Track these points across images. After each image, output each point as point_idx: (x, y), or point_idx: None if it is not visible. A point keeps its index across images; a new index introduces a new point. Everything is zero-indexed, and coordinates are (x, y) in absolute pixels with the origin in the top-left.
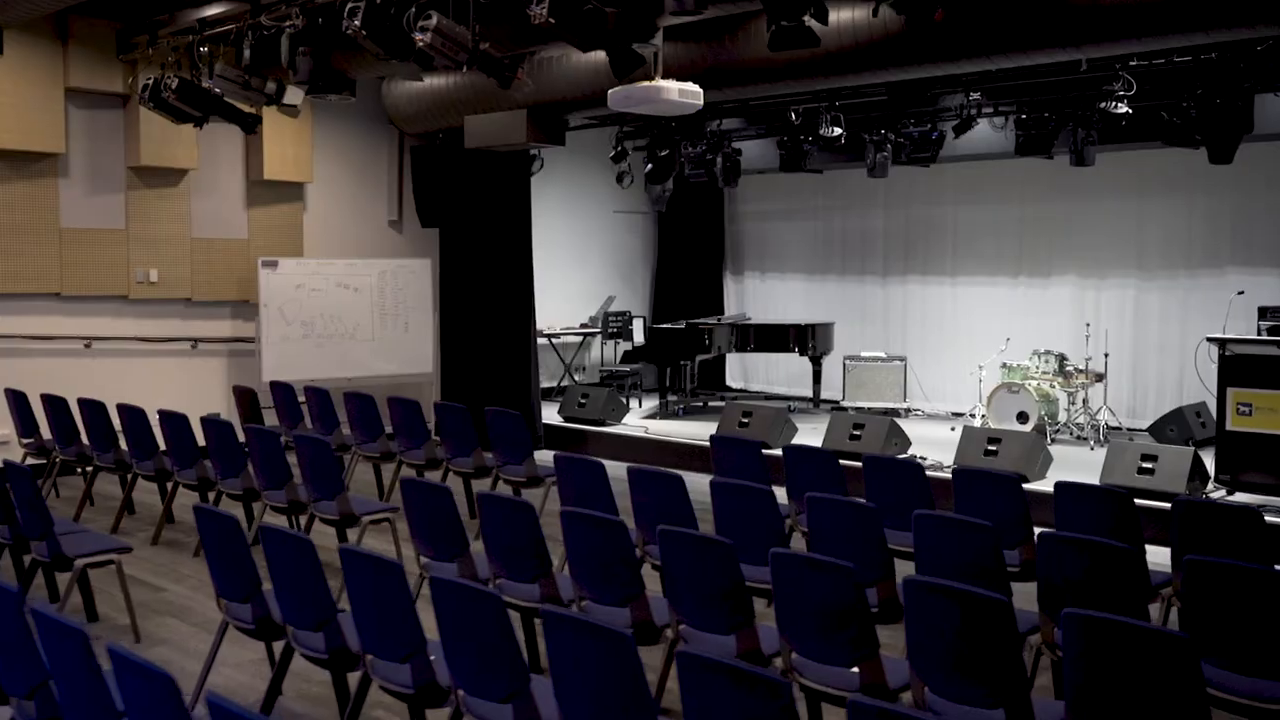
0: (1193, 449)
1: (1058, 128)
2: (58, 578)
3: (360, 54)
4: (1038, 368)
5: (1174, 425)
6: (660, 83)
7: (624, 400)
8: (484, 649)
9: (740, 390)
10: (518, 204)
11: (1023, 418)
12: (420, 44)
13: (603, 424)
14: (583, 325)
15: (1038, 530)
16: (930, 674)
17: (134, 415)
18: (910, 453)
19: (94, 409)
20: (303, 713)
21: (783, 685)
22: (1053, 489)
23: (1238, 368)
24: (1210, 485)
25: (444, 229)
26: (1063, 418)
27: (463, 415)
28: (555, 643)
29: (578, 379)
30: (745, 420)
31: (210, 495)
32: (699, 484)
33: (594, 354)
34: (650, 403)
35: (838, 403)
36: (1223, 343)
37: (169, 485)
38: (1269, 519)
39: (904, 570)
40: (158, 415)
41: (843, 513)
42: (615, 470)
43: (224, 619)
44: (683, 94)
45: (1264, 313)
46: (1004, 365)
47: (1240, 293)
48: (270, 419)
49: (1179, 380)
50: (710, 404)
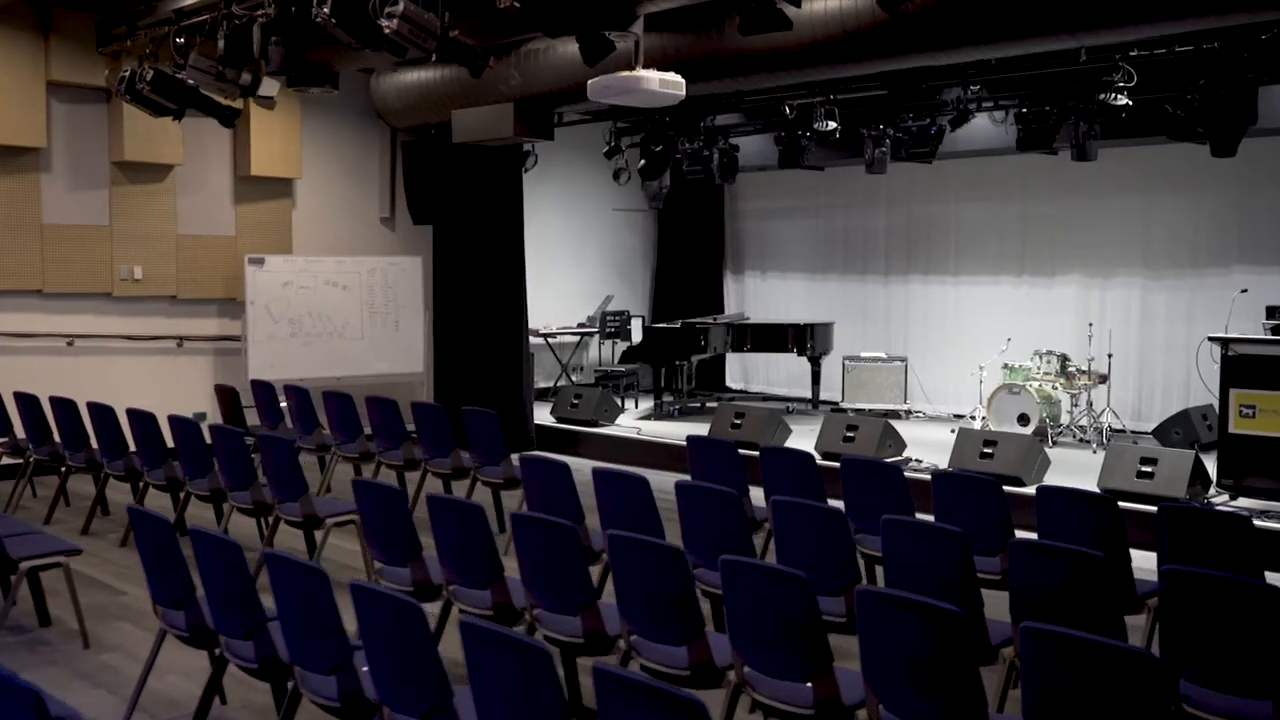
0: (1194, 452)
1: (1059, 122)
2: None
3: (340, 45)
4: (1039, 369)
5: (1179, 428)
6: (640, 72)
7: (618, 401)
8: (404, 662)
9: (740, 391)
10: (509, 200)
11: (1024, 420)
12: (387, 30)
13: (595, 425)
14: (580, 325)
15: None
16: (886, 691)
17: (104, 414)
18: (905, 455)
19: (66, 408)
20: None
21: (697, 705)
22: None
23: (1241, 368)
24: (1212, 490)
25: (437, 226)
26: (1065, 420)
27: (439, 415)
28: (475, 658)
29: (575, 379)
30: (737, 422)
31: (180, 496)
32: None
33: (592, 354)
34: (647, 404)
35: (837, 404)
36: (1225, 342)
37: (141, 485)
38: (1269, 524)
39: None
40: (127, 414)
41: (810, 517)
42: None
43: (161, 626)
44: (664, 84)
45: (1272, 312)
46: (1005, 366)
47: (1243, 291)
48: (253, 419)
49: (1185, 382)
50: (708, 405)
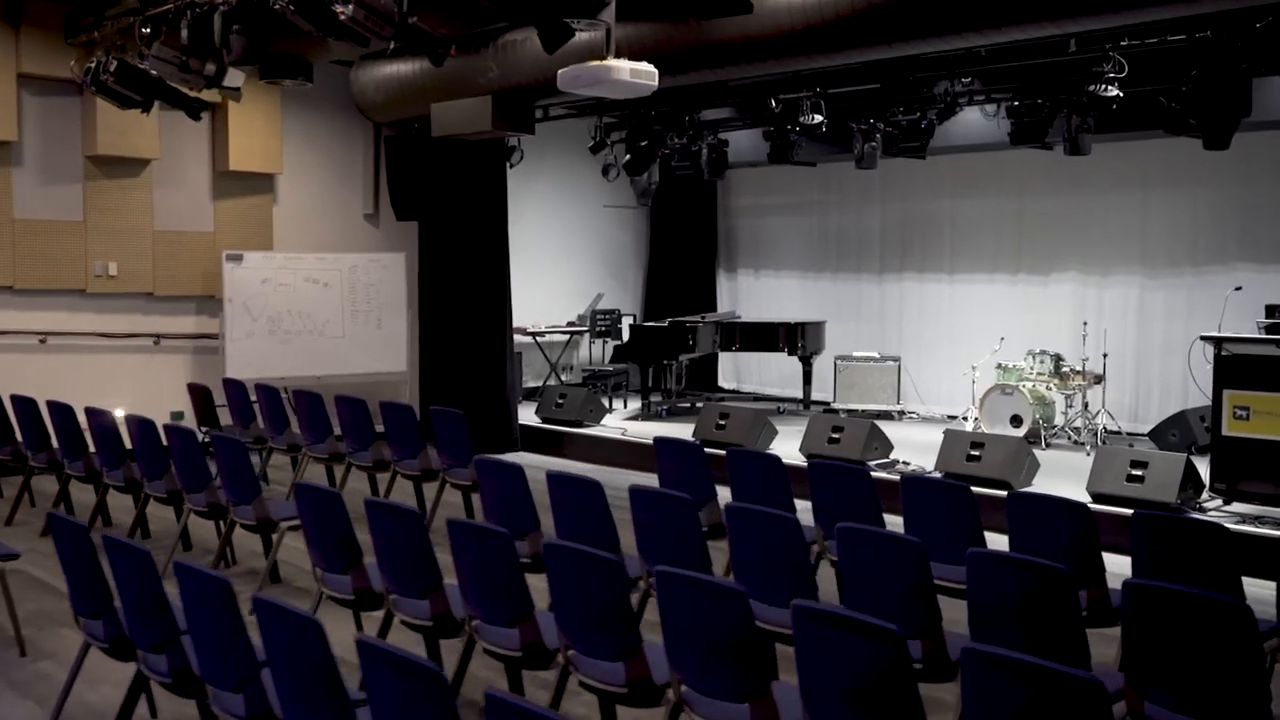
0: (1185, 456)
1: (1051, 115)
2: None
3: (309, 35)
4: (1032, 369)
5: (1176, 430)
6: (611, 62)
7: (604, 401)
8: (304, 680)
9: (732, 391)
10: (493, 196)
11: (1016, 421)
12: (342, 17)
13: (580, 425)
14: (569, 324)
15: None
16: (823, 713)
17: (63, 413)
18: (892, 457)
19: (27, 407)
20: None
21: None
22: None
23: (1234, 369)
24: (1205, 495)
25: (422, 222)
26: (1059, 421)
27: (407, 415)
28: (369, 678)
29: (565, 379)
30: (722, 423)
31: (140, 498)
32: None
33: (582, 353)
34: (636, 404)
35: (829, 405)
36: (1218, 342)
37: (102, 486)
38: (1263, 531)
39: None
40: (86, 413)
41: (768, 524)
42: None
43: (84, 637)
44: (635, 74)
45: (1272, 310)
46: (999, 366)
47: (1238, 288)
48: (228, 418)
49: (1184, 383)
50: (697, 405)
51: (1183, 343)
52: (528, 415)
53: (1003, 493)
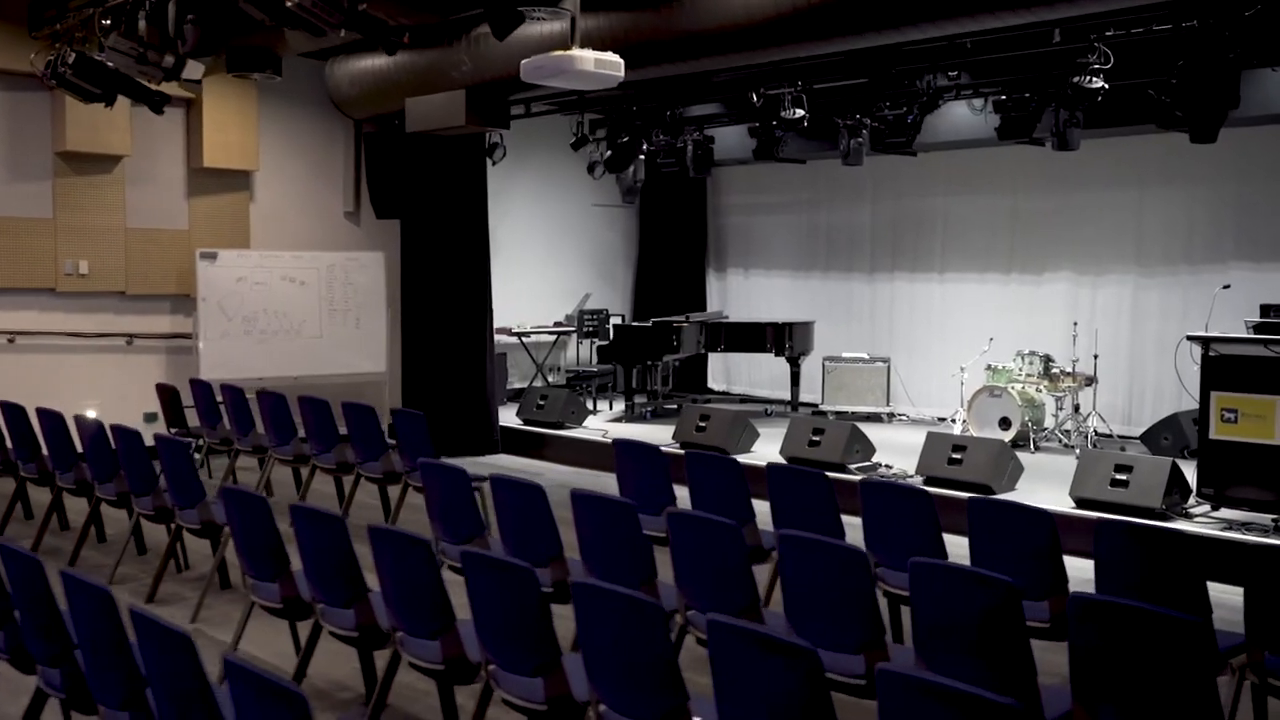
0: (1170, 460)
1: (1039, 109)
2: None
3: (265, 25)
4: (1021, 370)
5: (1168, 433)
6: (575, 52)
7: (588, 403)
8: (181, 696)
9: (721, 393)
10: (473, 194)
11: (1004, 424)
12: (289, 4)
13: (561, 427)
14: (556, 324)
15: (941, 556)
16: None
17: (14, 414)
18: (875, 460)
19: None
20: None
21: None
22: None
23: (1222, 370)
24: (1192, 500)
25: (404, 220)
26: (1049, 424)
27: (369, 417)
28: (236, 699)
29: (551, 380)
30: (703, 425)
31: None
32: None
33: (570, 354)
34: (622, 405)
35: (817, 406)
36: (1206, 342)
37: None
38: (1250, 538)
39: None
40: (37, 414)
41: (711, 533)
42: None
43: None
44: (599, 64)
45: (1267, 310)
46: (989, 367)
47: (1226, 286)
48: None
49: (1178, 384)
50: (684, 407)
51: (1176, 343)
52: (512, 417)
53: (983, 497)
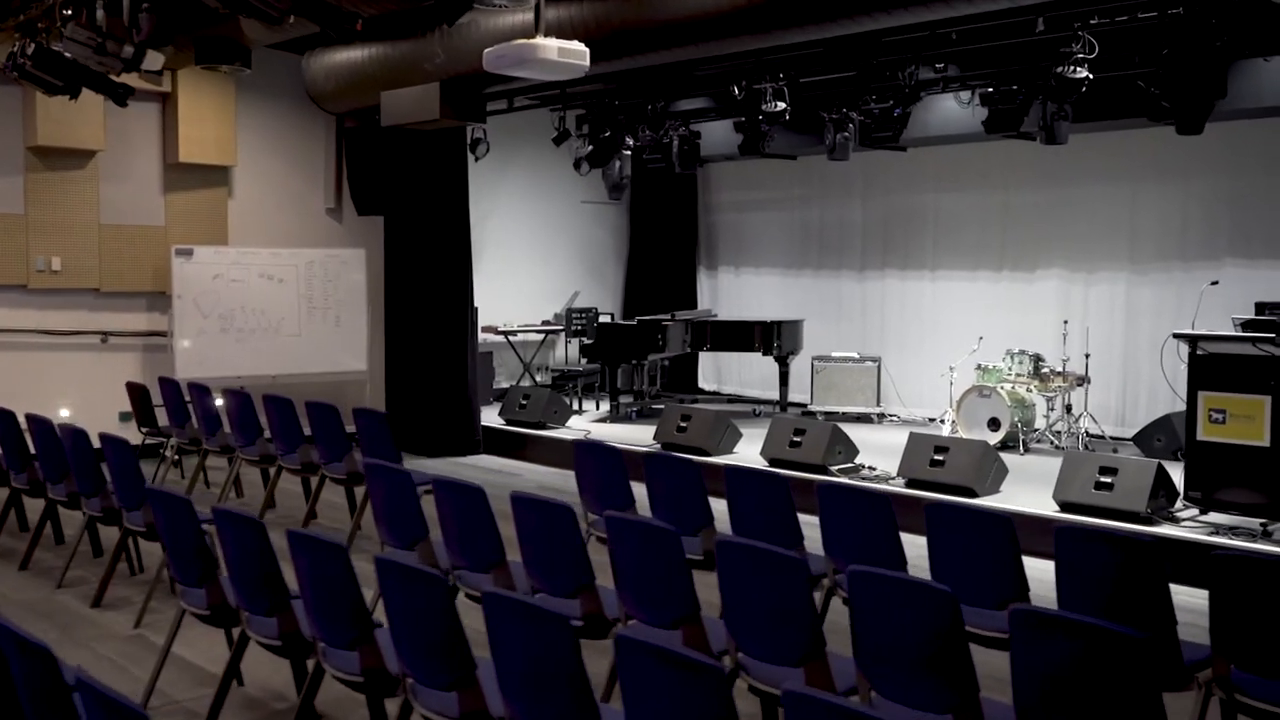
0: (1156, 462)
1: (1027, 102)
2: None
3: (218, 13)
4: (1010, 369)
5: (1161, 435)
6: (538, 40)
7: (571, 402)
8: (41, 707)
9: (712, 393)
10: (454, 189)
11: (994, 424)
12: None
13: (543, 427)
14: (545, 323)
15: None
16: None
17: None
18: (858, 461)
19: None
20: None
21: None
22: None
23: (1210, 369)
24: (1179, 503)
25: (388, 217)
26: (1040, 424)
27: (332, 416)
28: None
29: (539, 380)
30: (684, 425)
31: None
32: None
33: (558, 353)
34: (608, 405)
35: (806, 406)
36: (1193, 340)
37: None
38: (1236, 543)
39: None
40: None
41: (641, 535)
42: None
43: None
44: (563, 53)
45: (1262, 308)
46: (979, 367)
47: (1214, 282)
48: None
49: (1174, 384)
50: (666, 407)
51: (1163, 342)
52: (494, 417)
53: (965, 499)
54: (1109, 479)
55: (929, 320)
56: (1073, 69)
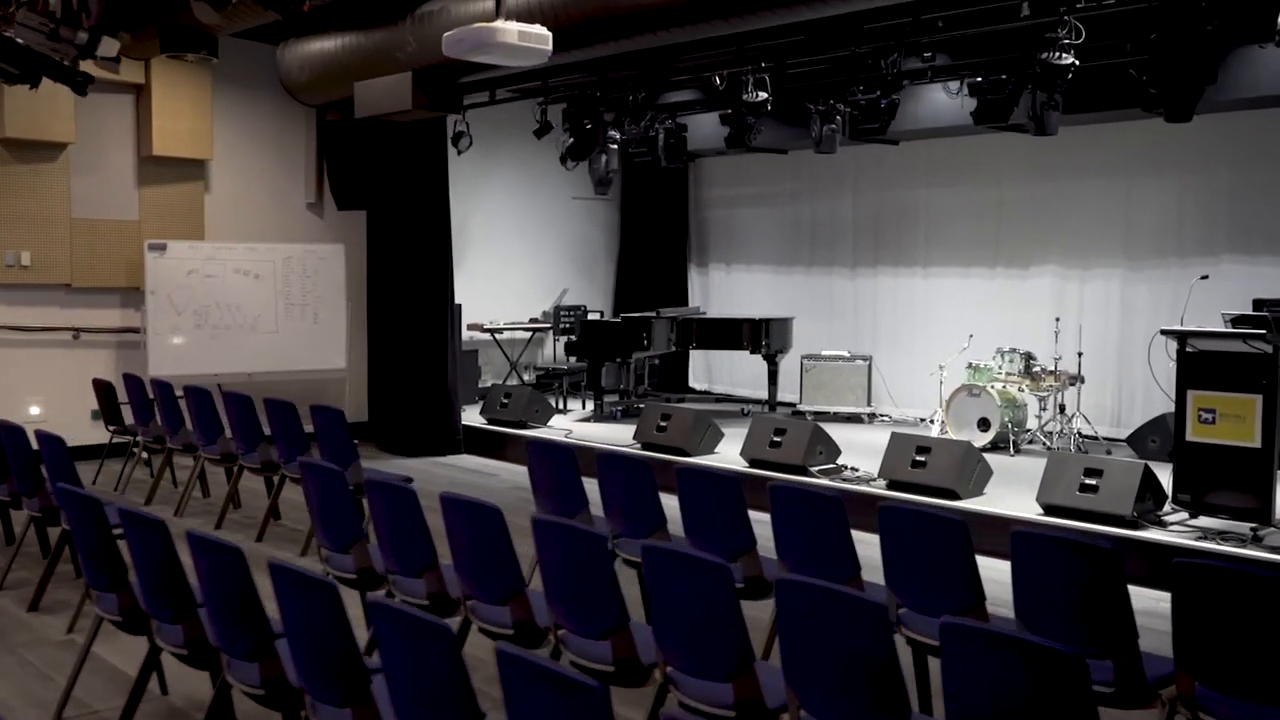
0: (1143, 464)
1: (1016, 92)
2: None
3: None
4: (1001, 368)
5: (1156, 435)
6: (497, 24)
7: (554, 401)
8: None
9: (703, 392)
10: (433, 183)
11: (984, 424)
12: None
13: (524, 426)
14: (533, 320)
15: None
16: None
17: None
18: (841, 462)
19: None
20: None
21: None
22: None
23: (1199, 367)
24: (1167, 507)
25: (370, 212)
26: (1033, 425)
27: (290, 413)
28: None
29: (526, 379)
30: (664, 424)
31: None
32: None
33: (547, 351)
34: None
35: (795, 406)
36: (1182, 337)
37: None
38: (1224, 548)
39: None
40: None
41: (570, 539)
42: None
43: None
44: (524, 37)
45: (1260, 305)
46: (970, 365)
47: (1204, 277)
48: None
49: (1170, 384)
50: (647, 406)
51: (1150, 338)
52: (476, 416)
53: (948, 502)
54: (1094, 481)
55: (921, 318)
56: (1058, 55)
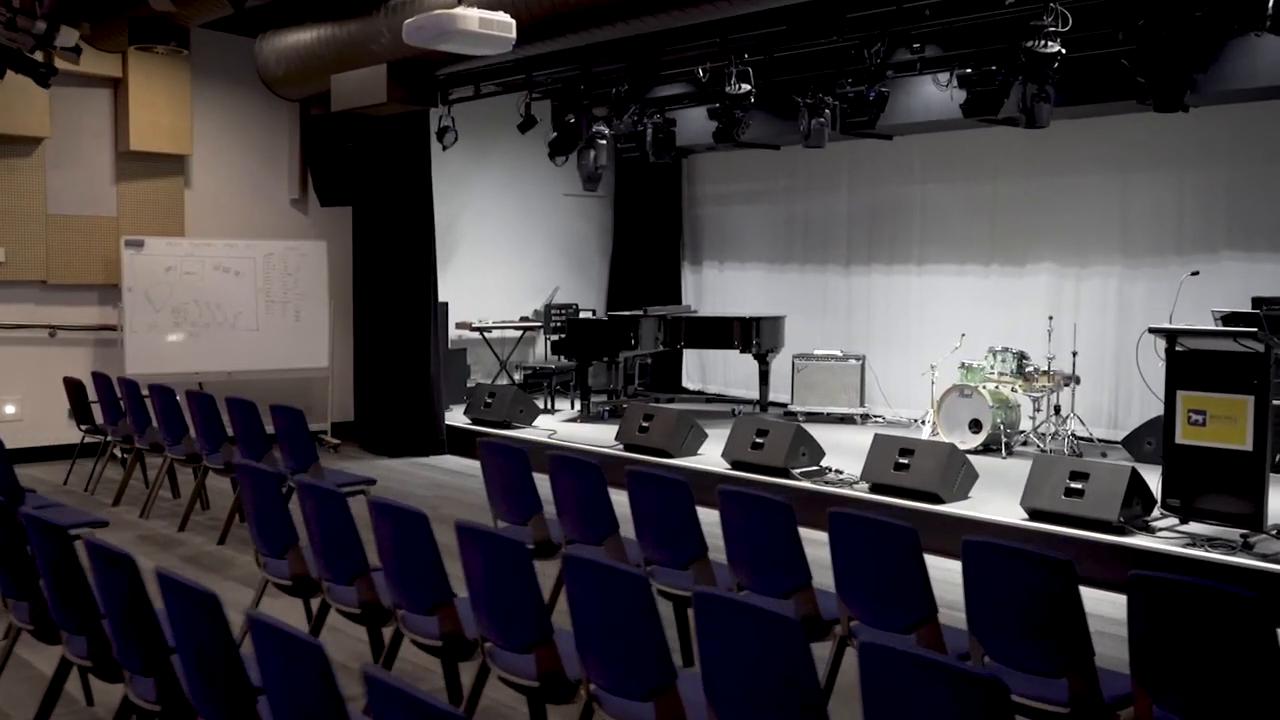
0: (1130, 467)
1: (1007, 84)
2: None
3: None
4: (993, 368)
5: (1152, 437)
6: (457, 10)
7: (541, 401)
8: None
9: (695, 392)
10: (417, 179)
11: (975, 426)
12: None
13: (508, 426)
14: (524, 319)
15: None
16: None
17: None
18: (824, 464)
19: None
20: None
21: None
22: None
23: (1189, 366)
24: (1156, 511)
25: (356, 208)
26: (1026, 426)
27: (251, 413)
28: None
29: (517, 379)
30: (646, 425)
31: None
32: None
33: (538, 350)
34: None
35: (787, 407)
36: (1171, 335)
37: None
38: (1212, 555)
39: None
40: None
41: (492, 547)
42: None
43: None
44: (485, 24)
45: (1259, 303)
46: (962, 365)
47: (1194, 273)
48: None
49: (1159, 384)
50: (631, 406)
51: (1139, 337)
52: (462, 416)
53: (930, 506)
54: (1079, 485)
55: (915, 316)
56: (1044, 43)
